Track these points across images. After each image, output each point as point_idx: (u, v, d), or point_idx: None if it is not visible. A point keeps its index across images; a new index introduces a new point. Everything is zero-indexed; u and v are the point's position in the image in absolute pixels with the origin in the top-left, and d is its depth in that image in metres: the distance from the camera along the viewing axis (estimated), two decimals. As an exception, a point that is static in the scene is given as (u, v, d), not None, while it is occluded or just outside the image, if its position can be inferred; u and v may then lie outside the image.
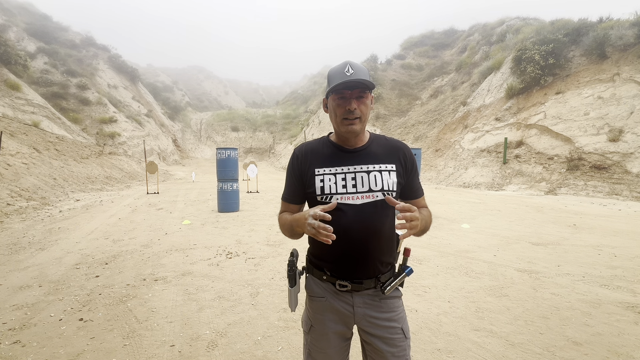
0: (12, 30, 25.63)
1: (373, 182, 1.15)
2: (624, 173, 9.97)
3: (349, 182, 1.16)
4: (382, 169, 1.18)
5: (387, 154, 1.21)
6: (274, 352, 2.28)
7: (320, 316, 1.22)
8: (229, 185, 7.98)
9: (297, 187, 1.24)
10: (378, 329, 1.18)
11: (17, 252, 4.46)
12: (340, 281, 1.17)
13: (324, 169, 1.19)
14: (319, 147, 1.25)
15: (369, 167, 1.18)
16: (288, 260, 1.25)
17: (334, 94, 1.15)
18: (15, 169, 9.18)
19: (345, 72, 1.10)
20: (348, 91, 1.12)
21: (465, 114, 18.25)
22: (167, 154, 27.73)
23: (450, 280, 3.60)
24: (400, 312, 1.22)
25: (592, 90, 12.53)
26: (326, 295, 1.21)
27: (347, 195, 1.15)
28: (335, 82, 1.11)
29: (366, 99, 1.15)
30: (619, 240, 5.18)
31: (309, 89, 51.94)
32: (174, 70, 69.63)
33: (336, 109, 1.15)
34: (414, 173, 1.25)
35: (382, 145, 1.24)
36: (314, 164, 1.21)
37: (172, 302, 3.02)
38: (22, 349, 2.26)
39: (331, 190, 1.16)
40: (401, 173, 1.21)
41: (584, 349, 2.29)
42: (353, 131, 1.15)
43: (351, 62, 1.14)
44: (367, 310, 1.18)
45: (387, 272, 1.20)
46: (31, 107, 16.51)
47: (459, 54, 27.01)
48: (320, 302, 1.22)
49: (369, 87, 1.12)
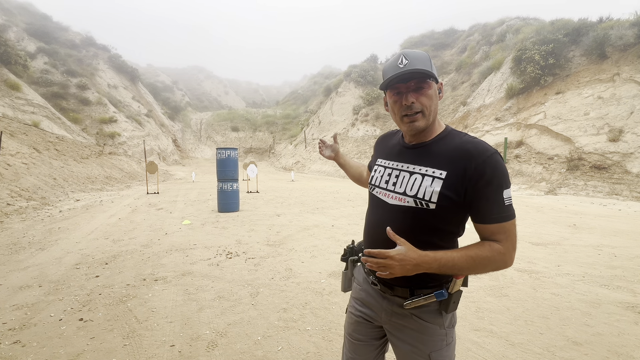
0: (12, 30, 25.63)
1: (411, 185, 1.02)
2: (624, 173, 9.96)
3: (392, 179, 1.10)
4: (428, 173, 1.00)
5: (447, 157, 0.99)
6: (274, 352, 2.28)
7: (352, 301, 1.25)
8: (229, 185, 7.98)
9: (371, 165, 1.30)
10: (400, 342, 1.11)
11: (17, 252, 4.46)
12: (373, 278, 1.14)
13: (382, 161, 1.19)
14: (392, 137, 1.23)
15: (415, 167, 1.04)
16: (347, 245, 1.28)
17: (389, 90, 1.04)
18: (15, 169, 9.18)
19: (398, 64, 0.99)
20: (403, 84, 1.00)
21: (465, 114, 18.25)
22: (167, 154, 27.73)
23: (450, 280, 3.59)
24: (435, 340, 1.05)
25: (592, 90, 12.52)
26: (363, 285, 1.20)
27: (385, 192, 1.10)
28: (387, 77, 1.00)
29: (427, 90, 0.99)
30: (619, 240, 5.18)
31: (309, 89, 51.89)
32: (174, 70, 69.61)
33: (393, 106, 1.05)
34: (487, 188, 0.93)
35: (451, 145, 1.01)
36: (379, 154, 1.23)
37: (172, 302, 3.02)
38: (22, 349, 2.26)
39: (376, 182, 1.15)
40: (455, 184, 0.95)
41: (584, 349, 2.29)
42: (416, 128, 1.02)
43: (406, 51, 1.01)
44: (393, 318, 1.11)
45: (429, 288, 1.04)
46: (31, 107, 16.51)
47: (459, 54, 27.01)
48: (357, 289, 1.23)
49: (429, 75, 0.98)
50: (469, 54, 24.66)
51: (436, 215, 0.99)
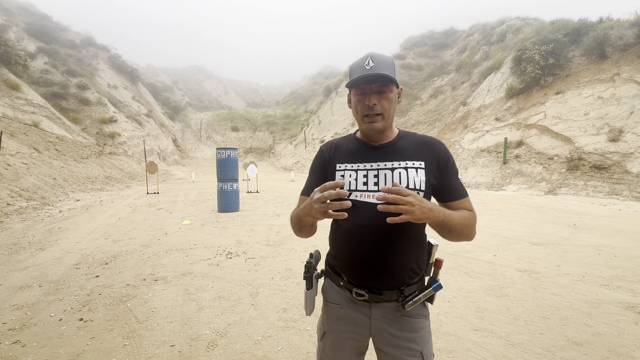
0: (12, 30, 25.64)
1: (397, 179, 1.05)
2: (624, 173, 9.96)
3: (371, 179, 1.08)
4: (409, 165, 1.07)
5: (416, 150, 1.10)
6: (274, 352, 2.28)
7: (334, 324, 1.15)
8: (229, 185, 7.98)
9: (318, 182, 1.15)
10: (394, 349, 1.07)
11: (17, 252, 4.46)
12: (357, 289, 1.07)
13: (346, 165, 1.12)
14: (344, 143, 1.19)
15: (393, 163, 1.08)
16: (306, 261, 1.20)
17: (354, 89, 1.08)
18: (15, 169, 9.18)
19: (365, 65, 1.03)
20: (367, 86, 1.04)
21: (465, 114, 18.25)
22: (167, 154, 27.74)
23: (450, 280, 3.60)
24: (423, 335, 1.09)
25: (592, 90, 12.53)
26: (342, 303, 1.13)
27: (368, 193, 1.06)
28: (354, 76, 1.04)
29: (389, 94, 1.05)
30: (619, 240, 5.18)
31: (309, 89, 51.95)
32: (174, 70, 69.67)
33: (357, 104, 1.08)
34: (452, 171, 1.10)
35: (412, 141, 1.13)
36: (337, 159, 1.15)
37: (172, 302, 3.02)
38: (22, 349, 2.26)
39: (350, 186, 1.08)
40: (433, 171, 1.08)
41: (584, 349, 2.29)
42: (375, 129, 1.07)
43: (373, 54, 1.05)
44: (386, 325, 1.08)
45: (414, 284, 1.08)
46: (31, 107, 16.51)
47: (459, 54, 27.02)
48: (336, 309, 1.14)
49: (391, 80, 1.03)
50: (469, 54, 24.67)
51: None
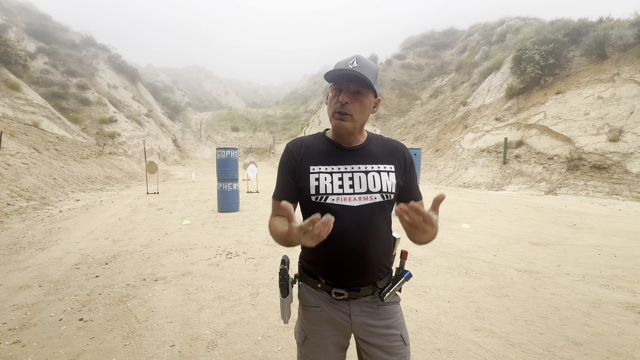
0: (12, 30, 25.62)
1: (372, 182, 1.08)
2: (624, 173, 9.97)
3: (346, 182, 1.08)
4: (381, 169, 1.11)
5: (385, 154, 1.15)
6: (274, 352, 2.28)
7: (315, 327, 1.15)
8: (229, 185, 7.98)
9: (290, 184, 1.13)
10: (377, 337, 1.11)
11: (17, 252, 4.46)
12: (336, 289, 1.09)
13: (320, 167, 1.10)
14: (314, 143, 1.16)
15: (367, 167, 1.10)
16: (279, 268, 1.17)
17: (332, 84, 1.08)
18: (15, 169, 9.18)
19: (349, 63, 1.03)
20: (345, 83, 1.04)
21: (465, 114, 18.25)
22: (167, 154, 27.73)
23: (450, 280, 3.60)
24: (398, 318, 1.16)
25: (592, 90, 12.53)
26: (321, 305, 1.13)
27: (344, 197, 1.06)
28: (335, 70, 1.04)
29: (364, 98, 1.05)
30: (619, 240, 5.18)
31: (309, 89, 51.95)
32: (174, 70, 69.65)
33: (331, 100, 1.08)
34: (413, 174, 1.18)
35: (380, 145, 1.17)
36: (309, 161, 1.11)
37: (172, 302, 3.02)
38: (22, 349, 2.26)
39: (327, 190, 1.07)
40: (400, 174, 1.14)
41: (584, 349, 2.29)
42: (341, 127, 1.07)
43: (360, 56, 1.05)
44: (365, 319, 1.12)
45: (385, 277, 1.14)
46: (31, 107, 16.51)
47: (459, 54, 27.03)
48: (315, 312, 1.15)
49: (369, 85, 1.02)
50: (469, 54, 24.68)
51: (390, 203, 1.12)
